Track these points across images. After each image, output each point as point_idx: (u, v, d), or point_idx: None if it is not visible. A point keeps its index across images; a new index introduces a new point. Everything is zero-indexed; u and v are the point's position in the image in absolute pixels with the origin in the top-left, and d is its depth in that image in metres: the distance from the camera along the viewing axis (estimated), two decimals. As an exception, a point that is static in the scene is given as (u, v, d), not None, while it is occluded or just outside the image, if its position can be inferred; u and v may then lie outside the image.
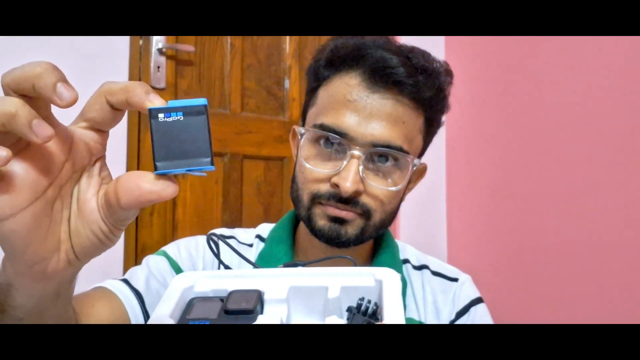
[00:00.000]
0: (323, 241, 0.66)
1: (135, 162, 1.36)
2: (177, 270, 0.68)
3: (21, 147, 0.31)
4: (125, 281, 0.64)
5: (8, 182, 0.30)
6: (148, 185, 0.33)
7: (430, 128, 0.69)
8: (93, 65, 1.28)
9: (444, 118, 0.71)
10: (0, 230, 0.31)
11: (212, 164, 0.34)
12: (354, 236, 0.65)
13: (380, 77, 0.63)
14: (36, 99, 0.31)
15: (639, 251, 1.11)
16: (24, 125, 0.29)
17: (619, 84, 1.17)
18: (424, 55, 0.66)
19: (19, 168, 0.31)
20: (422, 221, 1.60)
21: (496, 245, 1.47)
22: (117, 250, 1.30)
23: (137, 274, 0.66)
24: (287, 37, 1.65)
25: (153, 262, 0.68)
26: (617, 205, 1.16)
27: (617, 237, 1.15)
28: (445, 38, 1.66)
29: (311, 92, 0.69)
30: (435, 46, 1.65)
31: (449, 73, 0.68)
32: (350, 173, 0.62)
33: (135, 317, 0.61)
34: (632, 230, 1.13)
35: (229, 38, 1.56)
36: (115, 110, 0.34)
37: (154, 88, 1.39)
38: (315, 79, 0.68)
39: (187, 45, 1.46)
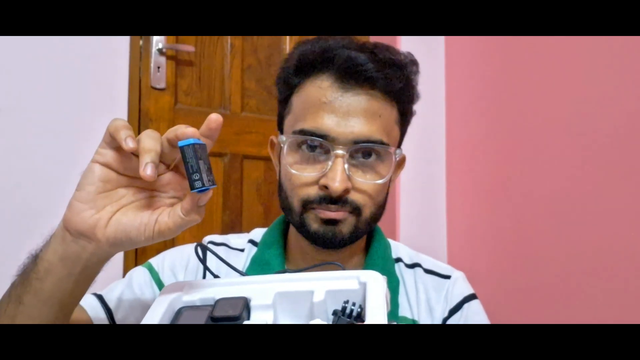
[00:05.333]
0: (319, 244, 0.66)
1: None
2: (157, 281, 0.70)
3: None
4: (100, 297, 0.67)
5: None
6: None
7: (404, 118, 0.71)
8: (93, 65, 1.27)
9: (414, 107, 0.72)
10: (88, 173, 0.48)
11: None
12: (348, 234, 0.66)
13: (351, 75, 0.64)
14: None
15: (639, 251, 1.11)
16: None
17: (620, 83, 1.17)
18: (389, 48, 0.68)
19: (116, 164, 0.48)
20: (422, 221, 1.60)
21: (496, 245, 1.47)
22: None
23: (113, 290, 0.69)
24: (287, 37, 1.65)
25: (135, 275, 0.71)
26: (617, 205, 1.16)
27: (617, 236, 1.15)
28: (445, 38, 1.66)
29: (284, 101, 0.70)
30: (435, 46, 1.66)
31: (414, 63, 0.69)
32: (337, 173, 0.62)
33: None
34: (632, 230, 1.13)
35: (229, 38, 1.56)
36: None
37: (154, 88, 1.40)
38: (287, 88, 0.69)
39: (187, 46, 1.46)
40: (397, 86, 0.66)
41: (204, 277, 0.60)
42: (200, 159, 0.45)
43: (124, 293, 0.68)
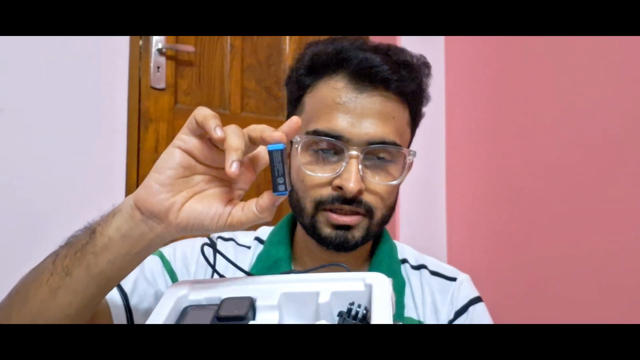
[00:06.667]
0: (331, 248, 0.66)
1: (135, 162, 1.35)
2: (170, 270, 0.70)
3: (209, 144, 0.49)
4: None
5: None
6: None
7: (415, 120, 0.71)
8: (93, 65, 1.27)
9: (424, 109, 0.73)
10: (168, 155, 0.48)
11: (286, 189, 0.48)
12: (361, 238, 0.66)
13: (366, 76, 0.64)
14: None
15: (639, 250, 1.12)
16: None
17: (620, 83, 1.17)
18: (403, 50, 0.68)
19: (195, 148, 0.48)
20: (422, 221, 1.60)
21: (496, 245, 1.47)
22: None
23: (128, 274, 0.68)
24: (287, 37, 1.65)
25: (147, 262, 0.69)
26: (617, 205, 1.16)
27: (618, 236, 1.15)
28: (445, 38, 1.66)
29: (295, 102, 0.70)
30: (435, 46, 1.66)
31: (426, 65, 0.70)
32: (351, 173, 0.62)
33: (118, 315, 0.63)
34: (632, 230, 1.13)
35: (229, 38, 1.56)
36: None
37: (153, 88, 1.40)
38: (299, 88, 0.69)
39: (187, 46, 1.45)
40: (410, 88, 0.66)
41: (213, 272, 0.61)
42: (284, 163, 0.47)
43: (138, 278, 0.67)
